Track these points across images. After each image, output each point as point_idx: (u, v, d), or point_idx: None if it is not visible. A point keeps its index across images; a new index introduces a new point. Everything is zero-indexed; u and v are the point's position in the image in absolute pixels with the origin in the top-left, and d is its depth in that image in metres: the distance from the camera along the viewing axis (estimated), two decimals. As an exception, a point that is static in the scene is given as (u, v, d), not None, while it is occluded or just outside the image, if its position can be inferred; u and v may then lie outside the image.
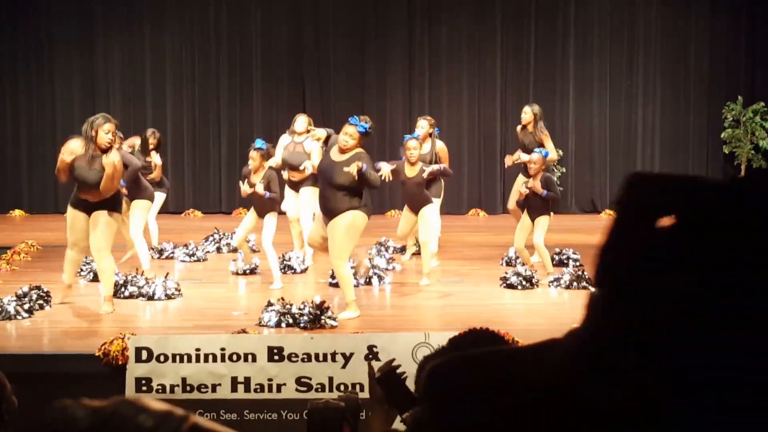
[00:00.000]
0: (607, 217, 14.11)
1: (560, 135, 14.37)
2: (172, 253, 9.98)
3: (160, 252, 9.97)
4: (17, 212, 14.31)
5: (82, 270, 8.67)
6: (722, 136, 14.05)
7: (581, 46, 14.58)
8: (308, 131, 9.09)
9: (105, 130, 7.19)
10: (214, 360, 6.05)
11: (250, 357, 6.06)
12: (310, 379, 6.06)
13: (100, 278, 7.47)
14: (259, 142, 8.48)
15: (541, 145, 9.52)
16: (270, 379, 6.05)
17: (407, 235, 9.31)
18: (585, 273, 8.44)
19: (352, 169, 6.88)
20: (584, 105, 14.63)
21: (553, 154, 9.73)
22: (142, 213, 8.94)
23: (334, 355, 6.06)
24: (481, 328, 2.32)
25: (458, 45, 14.67)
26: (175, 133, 14.59)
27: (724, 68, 14.39)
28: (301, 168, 8.99)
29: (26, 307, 7.17)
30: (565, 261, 9.32)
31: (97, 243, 7.21)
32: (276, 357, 6.06)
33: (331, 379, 6.05)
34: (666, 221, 0.66)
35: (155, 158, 9.86)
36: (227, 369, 6.05)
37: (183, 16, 14.69)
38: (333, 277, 8.33)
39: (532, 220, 8.53)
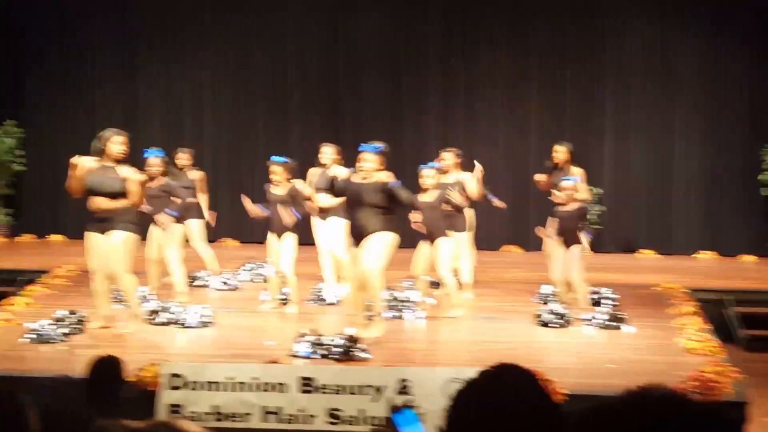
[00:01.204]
0: (643, 256, 14.00)
1: (596, 173, 14.30)
2: (207, 281, 10.04)
3: (194, 279, 10.03)
4: (57, 237, 14.49)
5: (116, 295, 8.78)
6: (759, 177, 13.91)
7: (618, 83, 14.54)
8: (335, 161, 9.35)
9: (114, 142, 7.38)
10: (246, 389, 6.05)
11: (281, 387, 6.06)
12: (341, 411, 6.04)
13: (124, 297, 7.54)
14: (277, 157, 8.65)
15: None
16: (301, 410, 6.04)
17: (422, 271, 8.99)
18: (621, 312, 8.36)
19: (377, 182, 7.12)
20: (621, 143, 14.56)
21: (585, 195, 9.64)
22: (181, 238, 9.12)
23: (365, 388, 6.04)
24: (509, 364, 2.30)
25: (494, 80, 14.69)
26: (212, 162, 14.72)
27: (763, 109, 14.27)
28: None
29: (62, 331, 7.23)
30: (601, 300, 9.24)
31: (116, 264, 7.29)
32: (307, 388, 6.06)
33: (361, 412, 6.03)
34: None
35: (195, 174, 10.17)
36: (259, 399, 6.05)
37: (221, 48, 14.88)
38: (366, 309, 8.32)
39: (567, 247, 8.48)
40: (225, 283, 9.96)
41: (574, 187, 8.54)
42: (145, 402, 6.01)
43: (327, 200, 8.77)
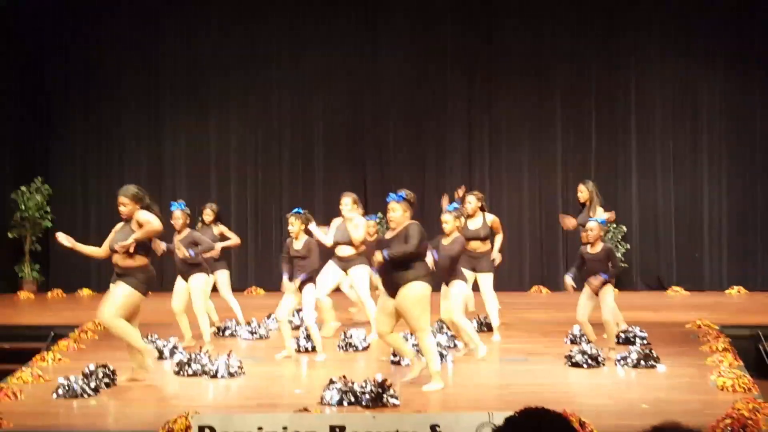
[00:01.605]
0: (674, 294, 13.87)
1: (624, 211, 14.26)
2: (235, 330, 10.05)
3: (223, 330, 10.07)
4: (85, 291, 14.58)
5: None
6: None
7: (643, 121, 14.54)
8: (354, 209, 9.54)
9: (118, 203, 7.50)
10: (277, 439, 6.01)
11: (312, 436, 6.01)
12: (372, 458, 5.98)
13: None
14: (295, 209, 8.80)
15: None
16: (332, 459, 5.99)
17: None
18: (652, 351, 8.27)
19: (378, 256, 7.16)
20: (648, 181, 14.52)
21: (609, 215, 9.81)
22: (205, 288, 9.20)
23: (396, 434, 5.98)
24: (536, 408, 2.27)
25: (518, 122, 14.74)
26: (238, 213, 14.84)
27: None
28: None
29: (92, 385, 7.25)
30: (632, 339, 9.15)
31: (104, 309, 7.35)
32: (338, 436, 6.01)
33: (393, 459, 5.96)
34: None
35: (222, 228, 10.30)
36: (289, 448, 6.01)
37: (247, 101, 15.06)
38: (394, 354, 8.29)
39: (596, 293, 8.41)
40: (252, 333, 9.97)
41: (599, 228, 8.48)
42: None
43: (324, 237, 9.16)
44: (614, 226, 14.31)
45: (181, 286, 9.32)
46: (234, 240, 10.65)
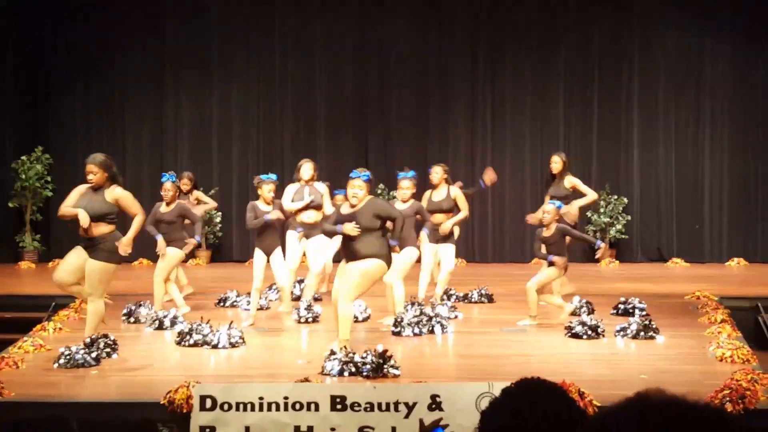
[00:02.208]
0: (674, 265, 13.89)
1: (625, 184, 14.26)
2: (236, 301, 10.08)
3: (224, 300, 10.11)
4: (86, 261, 14.59)
5: (143, 320, 8.94)
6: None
7: (645, 94, 14.49)
8: (314, 177, 9.53)
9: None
10: (278, 409, 6.04)
11: (313, 406, 6.04)
12: (372, 429, 6.01)
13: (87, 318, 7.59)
14: (265, 176, 9.12)
15: (573, 194, 9.66)
16: (333, 429, 6.03)
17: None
18: (652, 322, 8.30)
19: (351, 230, 7.25)
20: (649, 153, 14.49)
21: (592, 195, 9.98)
22: (172, 263, 9.46)
23: (396, 404, 6.02)
24: (532, 378, 2.27)
25: (521, 95, 14.69)
26: (239, 183, 14.81)
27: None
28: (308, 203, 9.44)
29: (93, 355, 7.28)
30: (631, 310, 9.18)
31: (87, 288, 7.36)
32: (339, 406, 6.04)
33: (393, 429, 6.01)
34: None
35: (197, 194, 10.76)
36: (290, 418, 6.04)
37: (249, 69, 14.99)
38: (395, 325, 8.33)
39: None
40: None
41: (555, 212, 8.66)
42: (177, 424, 6.02)
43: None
44: (615, 197, 14.30)
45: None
46: (210, 204, 11.05)
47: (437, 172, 9.62)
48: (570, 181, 9.88)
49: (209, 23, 14.95)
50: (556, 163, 9.95)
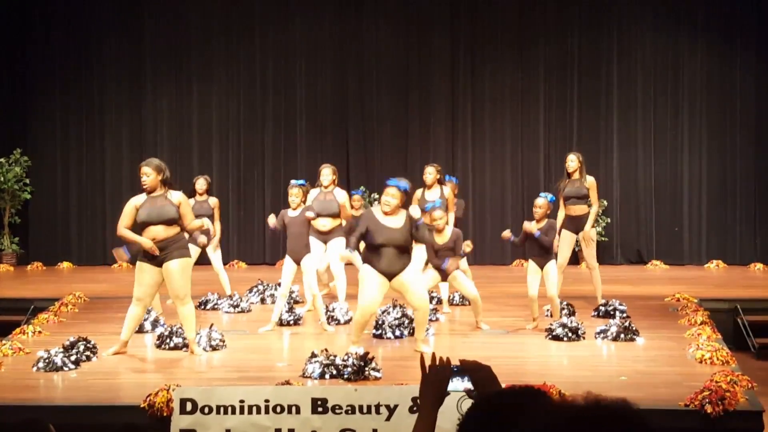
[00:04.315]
0: (653, 267, 13.96)
1: (604, 186, 14.32)
2: (217, 304, 10.04)
3: (205, 303, 10.06)
4: (65, 264, 14.52)
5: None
6: (770, 186, 13.89)
7: (625, 96, 14.55)
8: (334, 182, 9.47)
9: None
10: (258, 412, 6.03)
11: (294, 409, 6.03)
12: (354, 431, 6.01)
13: (183, 324, 7.61)
14: (298, 181, 8.84)
15: (587, 195, 9.59)
16: (314, 431, 6.02)
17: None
18: (632, 324, 8.33)
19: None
20: (628, 155, 14.56)
21: (596, 206, 9.90)
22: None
23: (378, 407, 6.02)
24: (520, 386, 2.27)
25: (501, 96, 14.72)
26: (220, 185, 14.77)
27: (770, 117, 14.26)
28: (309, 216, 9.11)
29: (73, 358, 7.23)
30: (612, 312, 9.22)
31: (176, 291, 7.37)
32: (320, 409, 6.03)
33: (375, 431, 6.00)
34: None
35: (213, 201, 10.41)
36: (271, 421, 6.02)
37: (229, 70, 14.95)
38: (376, 328, 8.33)
39: (541, 268, 8.59)
40: (234, 306, 9.96)
41: (546, 206, 8.69)
42: (157, 428, 5.99)
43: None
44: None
45: None
46: (217, 226, 10.53)
47: (430, 173, 9.73)
48: (590, 181, 9.75)
49: (188, 24, 14.90)
50: (573, 161, 9.86)
